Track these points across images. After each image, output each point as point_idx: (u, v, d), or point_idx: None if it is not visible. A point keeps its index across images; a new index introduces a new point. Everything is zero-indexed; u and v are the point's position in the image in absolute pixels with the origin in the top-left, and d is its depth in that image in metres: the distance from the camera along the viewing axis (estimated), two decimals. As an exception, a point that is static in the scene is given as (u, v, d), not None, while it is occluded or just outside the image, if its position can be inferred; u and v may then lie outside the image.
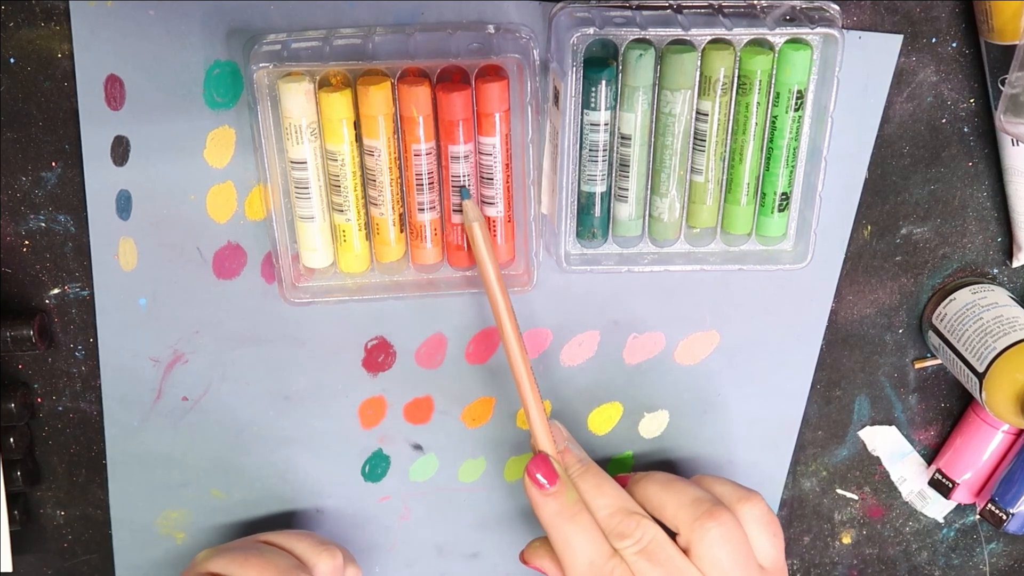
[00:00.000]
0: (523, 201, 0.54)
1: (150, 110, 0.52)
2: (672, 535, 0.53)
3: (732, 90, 0.52)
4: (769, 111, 0.53)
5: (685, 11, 0.51)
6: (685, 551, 0.52)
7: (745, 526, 0.54)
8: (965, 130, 0.57)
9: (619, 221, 0.55)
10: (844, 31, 0.51)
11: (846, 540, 0.69)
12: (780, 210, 0.55)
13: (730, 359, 0.62)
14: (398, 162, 0.52)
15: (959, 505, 0.68)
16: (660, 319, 0.60)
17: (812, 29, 0.50)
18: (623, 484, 0.56)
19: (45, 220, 0.55)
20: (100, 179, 0.54)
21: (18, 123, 0.52)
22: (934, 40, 0.55)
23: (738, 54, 0.51)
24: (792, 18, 0.51)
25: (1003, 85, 0.52)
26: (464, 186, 0.53)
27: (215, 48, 0.51)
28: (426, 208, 0.53)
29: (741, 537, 0.53)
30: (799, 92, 0.52)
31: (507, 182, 0.54)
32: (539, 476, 0.53)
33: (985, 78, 0.55)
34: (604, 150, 0.53)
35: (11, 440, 0.58)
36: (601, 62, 0.51)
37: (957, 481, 0.65)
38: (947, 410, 0.65)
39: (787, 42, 0.51)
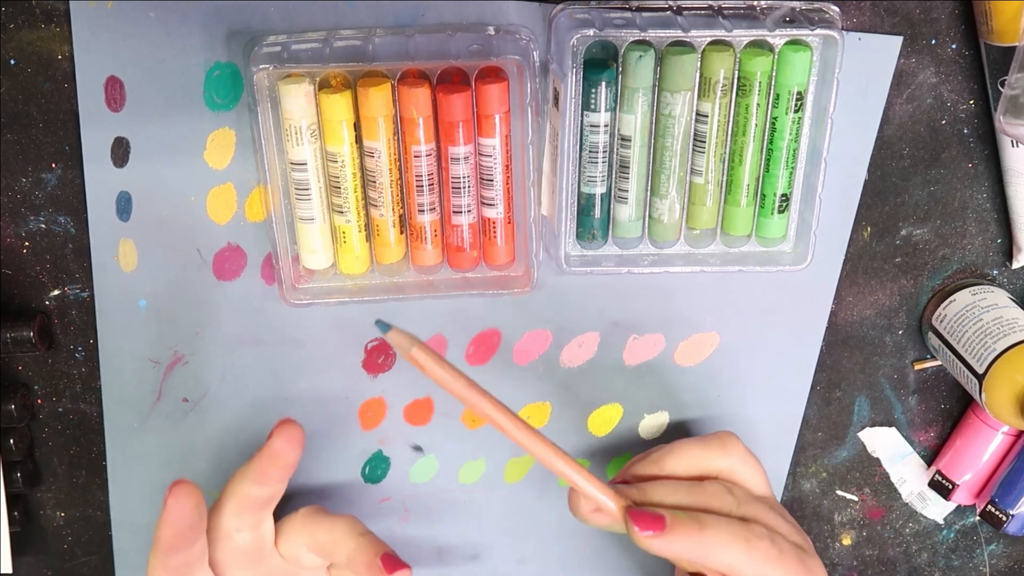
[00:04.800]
0: (523, 202, 0.54)
1: (150, 112, 0.52)
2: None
3: (732, 91, 0.52)
4: (769, 112, 0.53)
5: (685, 12, 0.51)
6: None
7: (735, 474, 0.54)
8: (965, 131, 0.57)
9: (619, 222, 0.55)
10: (844, 32, 0.51)
11: (846, 541, 0.69)
12: (780, 211, 0.55)
13: (730, 361, 0.62)
14: (398, 163, 0.52)
15: (959, 506, 0.68)
16: (660, 320, 0.60)
17: (812, 30, 0.50)
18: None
19: (45, 221, 0.55)
20: (100, 180, 0.54)
21: (18, 124, 0.52)
22: (934, 41, 0.55)
23: (738, 55, 0.51)
24: (792, 19, 0.51)
25: (1003, 86, 0.52)
26: (379, 320, 0.47)
27: (215, 50, 0.51)
28: (426, 209, 0.53)
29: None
30: (799, 93, 0.52)
31: (507, 183, 0.54)
32: (648, 531, 0.49)
33: (985, 79, 0.55)
34: (604, 151, 0.53)
35: (11, 441, 0.58)
36: (601, 63, 0.51)
37: (957, 482, 0.65)
38: (947, 411, 0.65)
39: (787, 43, 0.51)
